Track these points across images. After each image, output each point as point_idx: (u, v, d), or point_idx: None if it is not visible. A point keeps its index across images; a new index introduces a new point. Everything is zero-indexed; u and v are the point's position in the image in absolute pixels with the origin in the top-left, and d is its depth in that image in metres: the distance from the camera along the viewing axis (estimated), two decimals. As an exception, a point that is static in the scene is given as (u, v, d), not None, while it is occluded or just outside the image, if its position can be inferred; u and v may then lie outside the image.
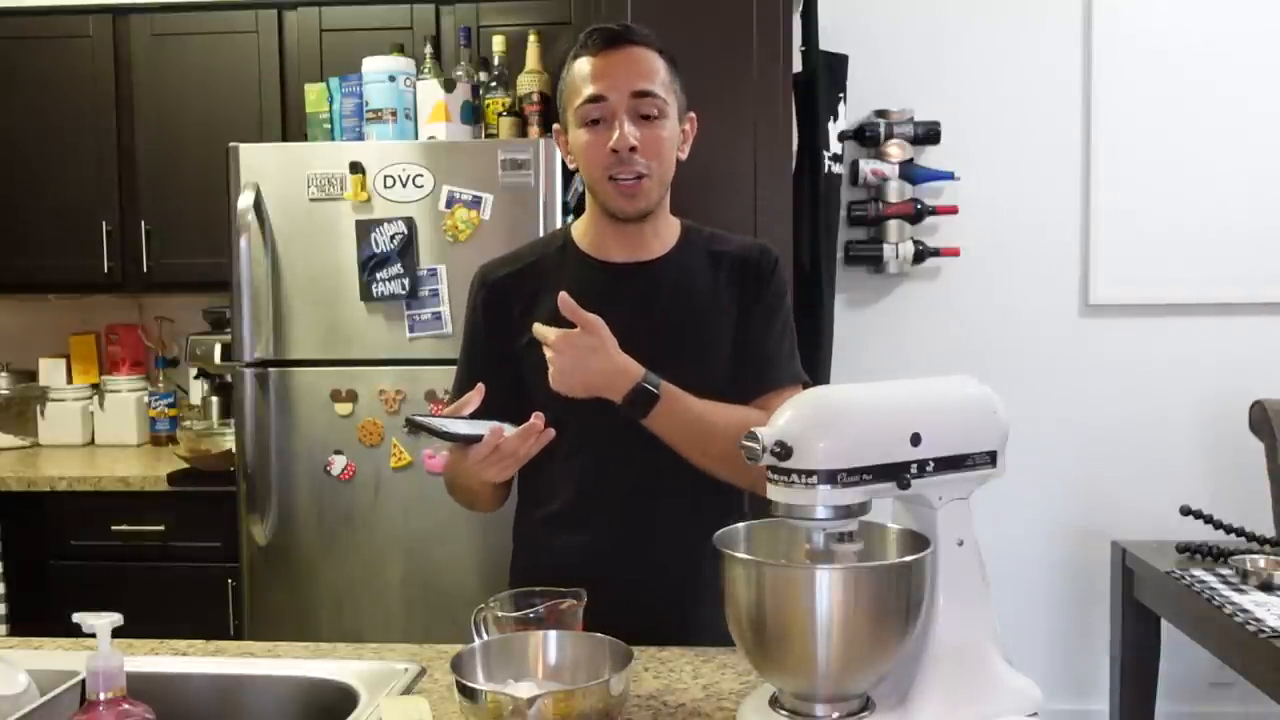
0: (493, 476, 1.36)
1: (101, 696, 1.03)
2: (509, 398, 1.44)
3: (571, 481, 1.53)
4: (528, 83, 2.81)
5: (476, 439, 1.30)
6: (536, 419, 1.32)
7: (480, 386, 1.36)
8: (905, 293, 3.29)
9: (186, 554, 2.82)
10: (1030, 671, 1.23)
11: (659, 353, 1.48)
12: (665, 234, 1.58)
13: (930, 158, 3.22)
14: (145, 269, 3.10)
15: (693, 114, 1.56)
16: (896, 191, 3.17)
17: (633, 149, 1.45)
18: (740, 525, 1.23)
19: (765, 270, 1.58)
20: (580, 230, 1.59)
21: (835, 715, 1.11)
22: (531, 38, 2.83)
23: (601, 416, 1.41)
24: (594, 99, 1.46)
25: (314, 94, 2.87)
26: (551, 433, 1.33)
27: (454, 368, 1.63)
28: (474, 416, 1.35)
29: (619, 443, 1.47)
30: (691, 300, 1.55)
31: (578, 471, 1.52)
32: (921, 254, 3.18)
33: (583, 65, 1.48)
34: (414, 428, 1.34)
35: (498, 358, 1.55)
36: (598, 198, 1.52)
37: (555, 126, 1.58)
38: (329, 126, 2.86)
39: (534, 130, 2.78)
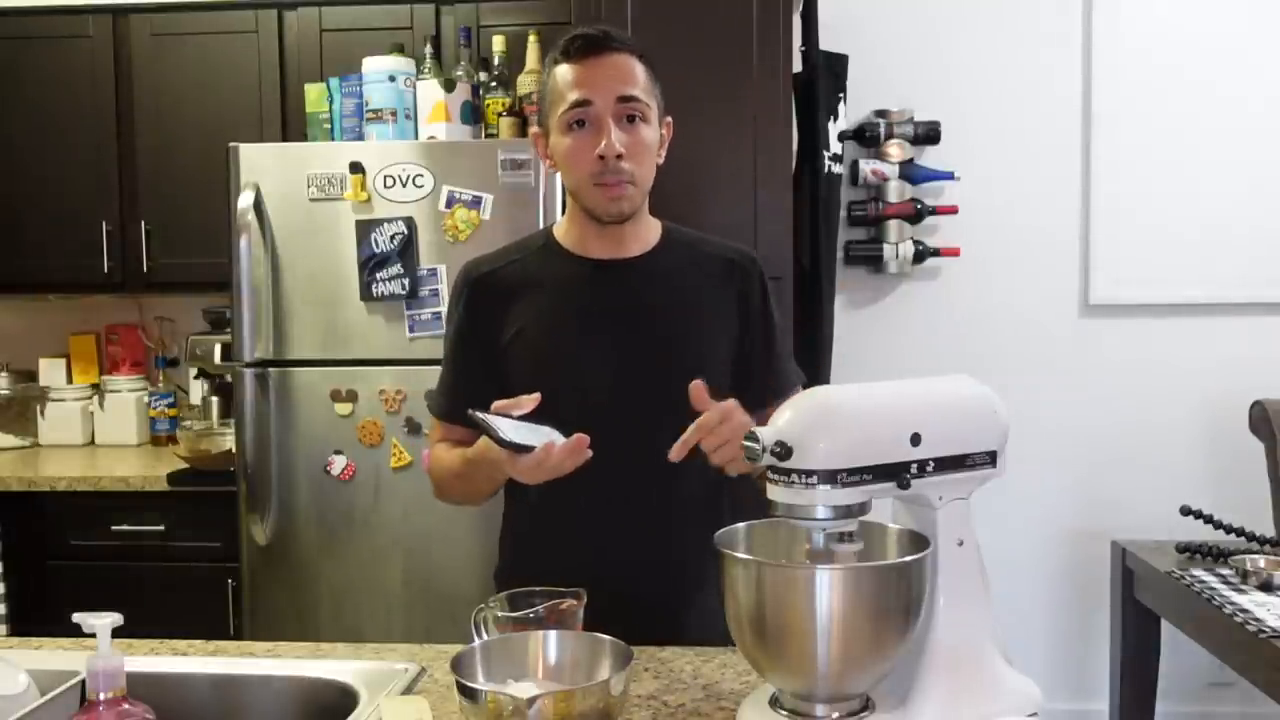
0: (530, 480, 1.34)
1: (101, 696, 1.03)
2: (493, 393, 1.43)
3: (551, 482, 1.53)
4: (528, 83, 2.81)
5: (529, 449, 1.29)
6: (582, 439, 1.30)
7: (537, 395, 1.34)
8: (905, 293, 3.29)
9: (186, 554, 2.82)
10: (1030, 671, 1.23)
11: (646, 347, 1.50)
12: (646, 234, 1.59)
13: (930, 158, 3.22)
14: (145, 269, 3.10)
15: (669, 118, 1.56)
16: (896, 191, 3.17)
17: (619, 156, 1.46)
18: (740, 525, 1.22)
19: (758, 276, 1.60)
20: (562, 230, 1.61)
21: (835, 715, 1.11)
22: (531, 38, 2.83)
23: (577, 418, 1.39)
24: (580, 103, 1.47)
25: (314, 94, 2.87)
26: (589, 454, 1.30)
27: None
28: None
29: (595, 443, 1.47)
30: (678, 297, 1.55)
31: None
32: (921, 254, 3.17)
33: (565, 72, 1.49)
34: (471, 424, 1.33)
35: (483, 354, 1.56)
36: (581, 201, 1.53)
37: (534, 130, 1.59)
38: (329, 126, 2.86)
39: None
